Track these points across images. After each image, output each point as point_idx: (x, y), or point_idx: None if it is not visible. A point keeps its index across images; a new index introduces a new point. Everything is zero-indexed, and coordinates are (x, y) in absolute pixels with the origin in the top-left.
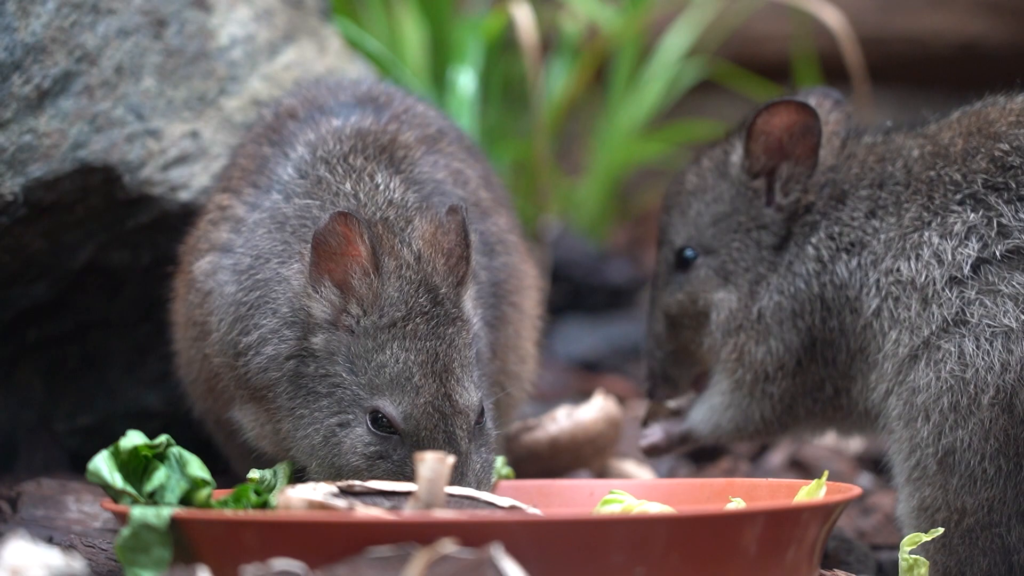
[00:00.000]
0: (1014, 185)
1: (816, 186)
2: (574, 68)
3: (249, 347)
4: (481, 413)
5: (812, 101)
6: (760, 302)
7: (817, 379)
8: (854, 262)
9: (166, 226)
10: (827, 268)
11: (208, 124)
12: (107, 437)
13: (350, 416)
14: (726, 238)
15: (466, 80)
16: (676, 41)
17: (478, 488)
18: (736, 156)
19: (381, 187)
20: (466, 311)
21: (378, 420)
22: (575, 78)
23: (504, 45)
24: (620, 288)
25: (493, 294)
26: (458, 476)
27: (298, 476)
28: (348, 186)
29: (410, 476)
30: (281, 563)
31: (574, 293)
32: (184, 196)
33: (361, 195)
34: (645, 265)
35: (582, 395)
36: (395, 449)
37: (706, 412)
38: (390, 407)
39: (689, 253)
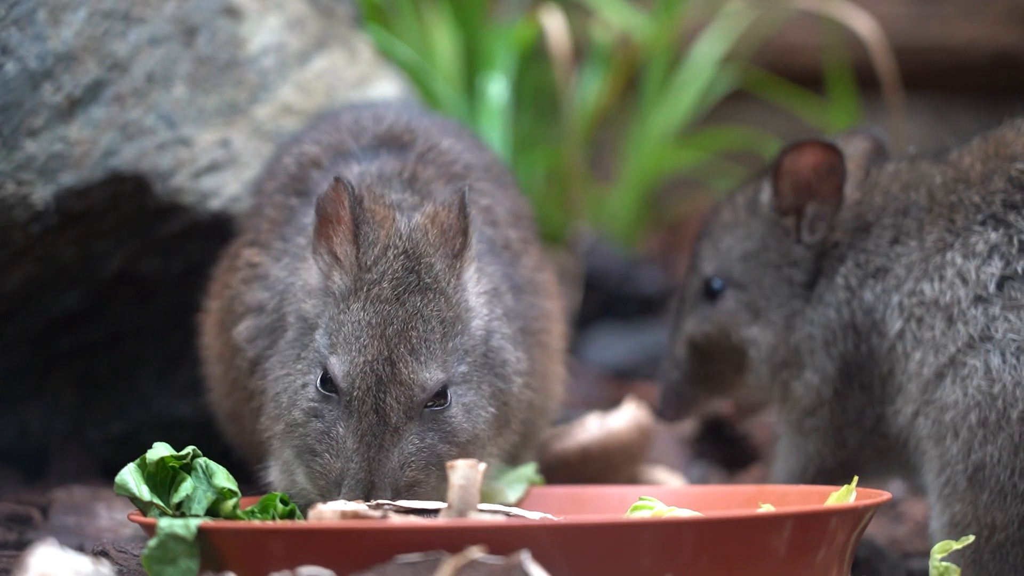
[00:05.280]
0: None
1: (842, 222)
2: (606, 76)
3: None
4: (440, 396)
5: (841, 139)
6: (796, 335)
7: (857, 407)
8: (879, 287)
9: (197, 234)
10: (855, 294)
11: (239, 132)
12: (138, 445)
13: (311, 376)
14: (756, 274)
15: (498, 88)
16: (708, 49)
17: (402, 472)
18: (765, 195)
19: (395, 198)
20: (458, 288)
21: (325, 378)
22: (607, 86)
23: (536, 53)
24: (652, 296)
25: (522, 331)
26: (376, 448)
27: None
28: None
29: (337, 440)
30: (309, 570)
31: (606, 301)
32: (215, 204)
33: None
34: (678, 274)
35: (614, 403)
36: (331, 409)
37: (778, 461)
38: (336, 365)
39: (717, 284)
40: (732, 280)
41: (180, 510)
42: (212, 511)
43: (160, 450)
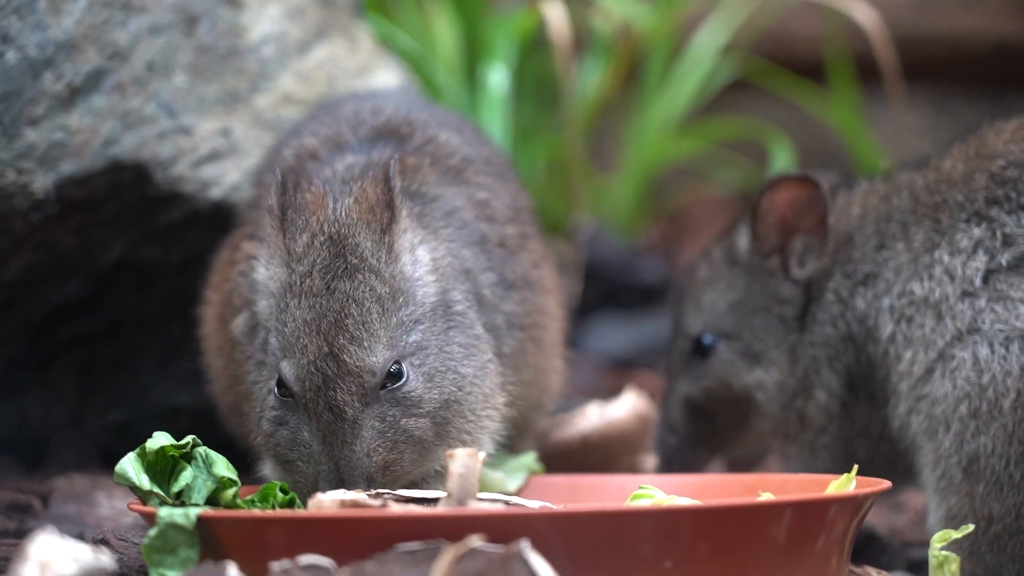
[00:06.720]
0: (1014, 195)
1: (827, 248)
2: (607, 66)
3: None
4: (394, 376)
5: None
6: (802, 362)
7: (864, 417)
8: (869, 293)
9: (197, 223)
10: (847, 305)
11: (240, 121)
12: (138, 434)
13: (272, 383)
14: (747, 321)
15: (499, 78)
16: (709, 39)
17: (368, 460)
18: (743, 241)
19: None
20: (390, 261)
21: (281, 384)
22: (608, 76)
23: (537, 43)
24: (653, 286)
25: (513, 326)
26: (339, 445)
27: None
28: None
29: (305, 445)
30: (309, 559)
31: (607, 291)
32: (215, 193)
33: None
34: (678, 263)
35: (614, 392)
36: (291, 414)
37: None
38: (286, 369)
39: (708, 339)
40: (722, 332)
41: (180, 499)
42: (212, 500)
43: (160, 439)
